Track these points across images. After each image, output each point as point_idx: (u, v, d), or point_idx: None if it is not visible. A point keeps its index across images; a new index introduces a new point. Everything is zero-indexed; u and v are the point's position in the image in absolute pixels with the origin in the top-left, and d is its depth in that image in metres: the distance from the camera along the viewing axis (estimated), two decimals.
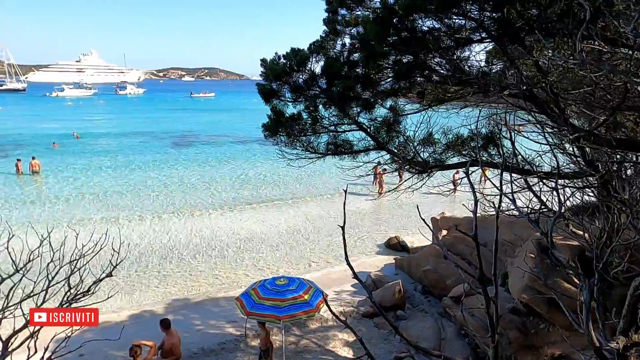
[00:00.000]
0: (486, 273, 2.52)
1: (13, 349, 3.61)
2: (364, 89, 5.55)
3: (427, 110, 5.82)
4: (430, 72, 5.43)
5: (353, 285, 13.34)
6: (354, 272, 2.36)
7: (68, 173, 26.51)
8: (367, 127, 5.82)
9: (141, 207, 20.33)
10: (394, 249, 16.27)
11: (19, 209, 19.62)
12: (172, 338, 8.16)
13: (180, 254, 15.29)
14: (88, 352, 7.55)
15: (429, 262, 12.93)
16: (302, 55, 5.46)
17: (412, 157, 5.38)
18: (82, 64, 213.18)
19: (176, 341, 8.18)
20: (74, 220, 17.80)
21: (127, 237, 14.85)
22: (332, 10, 5.67)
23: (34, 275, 3.96)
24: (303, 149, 5.98)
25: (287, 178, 26.34)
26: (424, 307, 12.03)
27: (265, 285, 9.67)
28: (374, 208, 21.27)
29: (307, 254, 15.68)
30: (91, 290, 3.98)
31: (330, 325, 11.04)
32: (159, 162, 30.56)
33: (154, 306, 12.00)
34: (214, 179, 26.33)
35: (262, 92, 5.76)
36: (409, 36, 4.81)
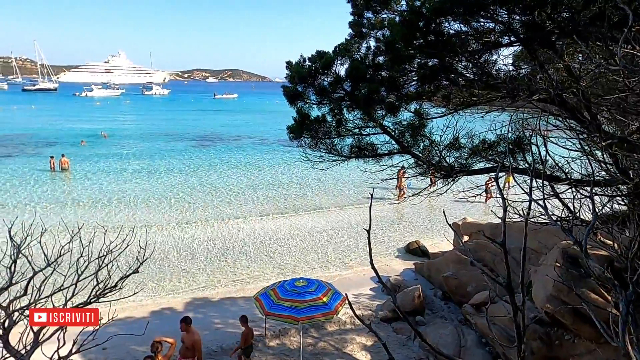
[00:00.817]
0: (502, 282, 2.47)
1: (43, 340, 3.74)
2: (389, 92, 5.51)
3: (453, 114, 5.73)
4: (457, 75, 5.36)
5: (372, 289, 13.27)
6: (379, 276, 2.34)
7: (96, 171, 27.26)
8: (392, 130, 5.77)
9: (164, 206, 20.73)
10: (413, 254, 16.10)
11: (51, 204, 20.27)
12: (193, 336, 8.25)
13: (200, 253, 15.51)
14: (111, 345, 7.71)
15: (449, 268, 12.73)
16: (328, 58, 5.46)
17: (437, 162, 5.30)
18: (110, 65, 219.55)
19: (197, 338, 8.26)
20: (102, 217, 18.32)
21: (151, 235, 15.16)
22: (358, 13, 5.66)
23: (64, 270, 4.08)
24: (327, 152, 5.98)
25: (308, 180, 26.42)
26: (444, 313, 11.85)
27: (284, 286, 9.71)
28: (394, 212, 21.13)
29: (326, 256, 15.67)
30: (118, 286, 4.08)
31: (348, 329, 10.99)
32: (183, 163, 31.09)
33: (174, 303, 12.20)
34: (235, 180, 26.62)
35: (287, 94, 5.79)
36: (435, 39, 4.76)
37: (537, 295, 8.15)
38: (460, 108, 5.76)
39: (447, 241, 17.07)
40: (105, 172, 26.81)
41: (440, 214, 20.32)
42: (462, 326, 10.74)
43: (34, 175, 25.64)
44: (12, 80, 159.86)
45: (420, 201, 6.87)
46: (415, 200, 6.88)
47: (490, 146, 5.19)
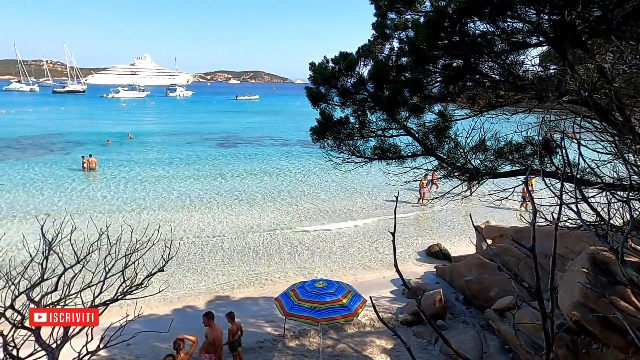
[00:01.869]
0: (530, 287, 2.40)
1: (73, 335, 3.85)
2: (413, 94, 5.46)
3: (478, 115, 5.63)
4: (482, 76, 5.26)
5: (392, 292, 13.17)
6: (403, 279, 2.32)
7: (122, 171, 27.95)
8: (416, 132, 5.70)
9: (186, 205, 21.09)
10: (435, 257, 15.89)
11: (80, 203, 20.91)
12: (215, 331, 8.36)
13: (221, 252, 15.70)
14: (134, 341, 7.88)
15: (471, 272, 12.51)
16: (351, 59, 5.44)
17: (462, 164, 5.21)
18: (136, 67, 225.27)
19: (219, 334, 8.37)
20: (128, 216, 18.77)
21: (175, 233, 15.43)
22: (381, 14, 5.63)
23: (93, 267, 4.19)
24: (349, 153, 5.95)
25: (329, 182, 26.44)
26: (465, 318, 11.64)
27: (304, 287, 9.73)
28: (415, 214, 20.91)
29: (347, 258, 15.63)
30: (144, 284, 4.16)
31: (368, 331, 10.93)
32: (205, 163, 31.56)
33: (196, 301, 12.38)
34: (255, 180, 26.86)
35: (310, 96, 5.79)
36: (461, 40, 4.69)
37: (563, 302, 7.92)
38: (485, 109, 5.65)
39: (469, 245, 16.84)
40: (131, 172, 27.46)
41: (462, 217, 20.06)
42: (485, 332, 10.53)
43: (64, 174, 26.52)
44: (43, 83, 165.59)
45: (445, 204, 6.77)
46: (436, 203, 6.78)
47: (517, 148, 5.06)
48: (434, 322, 10.72)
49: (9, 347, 3.84)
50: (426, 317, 2.27)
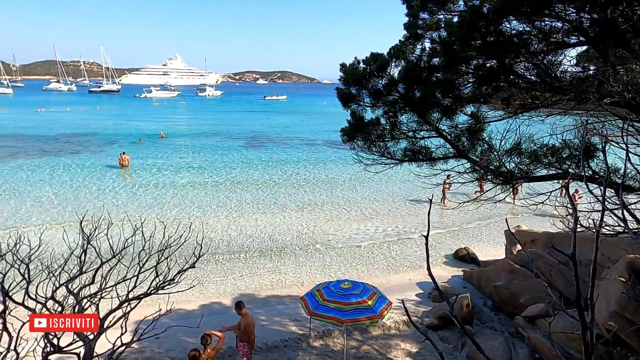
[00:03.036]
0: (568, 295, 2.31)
1: (108, 326, 3.99)
2: (444, 95, 5.36)
3: (513, 117, 5.47)
4: (517, 77, 5.12)
5: (417, 295, 13.00)
6: (436, 283, 2.29)
7: (154, 168, 28.76)
8: (447, 133, 5.60)
9: (215, 203, 21.49)
10: (462, 261, 15.58)
11: (114, 199, 21.65)
12: (247, 319, 8.51)
13: (248, 250, 15.90)
14: (163, 335, 8.09)
15: (501, 277, 12.19)
16: (382, 60, 5.40)
17: (497, 167, 5.07)
18: (168, 68, 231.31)
19: (251, 321, 8.50)
20: (160, 212, 19.30)
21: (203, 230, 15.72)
22: (413, 14, 5.56)
23: (127, 261, 4.34)
24: (379, 154, 5.91)
25: (355, 182, 26.38)
26: (494, 324, 11.36)
27: (329, 287, 9.73)
28: (441, 217, 20.57)
29: (371, 259, 15.54)
30: (176, 279, 4.27)
31: (392, 334, 10.83)
32: (233, 162, 32.07)
33: (223, 298, 12.58)
34: (282, 180, 27.07)
35: (341, 97, 5.78)
36: (496, 40, 4.57)
37: (599, 312, 7.61)
38: (520, 111, 5.48)
39: (497, 249, 16.44)
40: (162, 170, 28.20)
41: (490, 221, 19.58)
42: (514, 339, 10.25)
43: (99, 171, 27.58)
44: (80, 83, 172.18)
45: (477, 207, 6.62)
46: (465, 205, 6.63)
47: (554, 152, 4.89)
48: (457, 328, 10.53)
49: (50, 336, 4.04)
50: (459, 322, 2.23)
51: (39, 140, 39.55)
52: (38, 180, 24.64)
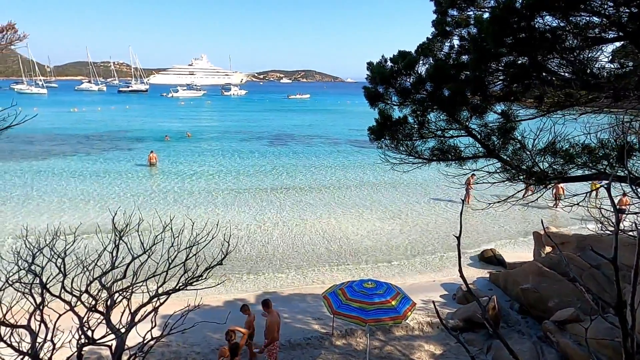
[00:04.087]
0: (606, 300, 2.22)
1: (138, 320, 4.10)
2: (474, 93, 5.24)
3: (546, 116, 5.29)
4: (550, 74, 4.95)
5: (441, 296, 12.82)
6: (468, 285, 2.25)
7: (180, 166, 29.39)
8: (477, 132, 5.47)
9: (239, 201, 21.76)
10: (488, 262, 15.27)
11: (144, 196, 22.25)
12: (272, 317, 8.62)
13: (271, 248, 16.02)
14: (189, 330, 8.26)
15: (528, 280, 11.88)
16: (411, 58, 5.32)
17: (530, 167, 4.91)
18: (194, 68, 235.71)
19: (274, 319, 8.61)
20: (186, 210, 19.70)
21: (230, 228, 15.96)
22: (441, 11, 5.46)
23: (157, 257, 4.44)
24: (407, 154, 5.83)
25: (379, 181, 26.22)
26: (521, 327, 11.08)
27: (352, 286, 9.70)
28: (466, 217, 20.18)
29: (395, 259, 15.42)
30: (203, 276, 4.35)
31: (416, 335, 10.71)
32: (258, 161, 32.40)
33: (246, 295, 12.72)
34: (305, 178, 27.16)
35: (368, 95, 5.73)
36: (529, 36, 4.44)
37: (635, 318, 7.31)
38: (553, 110, 5.31)
39: (524, 251, 16.04)
40: (189, 169, 28.77)
41: (518, 221, 19.10)
42: (542, 344, 9.98)
43: (128, 168, 28.47)
44: (110, 83, 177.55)
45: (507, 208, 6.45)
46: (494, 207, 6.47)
47: (590, 151, 4.70)
48: (481, 330, 10.30)
49: (85, 328, 4.20)
50: (492, 326, 2.18)
51: (72, 139, 41.02)
52: (71, 178, 25.57)
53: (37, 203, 20.55)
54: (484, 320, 2.72)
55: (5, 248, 13.59)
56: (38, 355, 4.04)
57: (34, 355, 4.00)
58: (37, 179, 24.98)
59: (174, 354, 9.44)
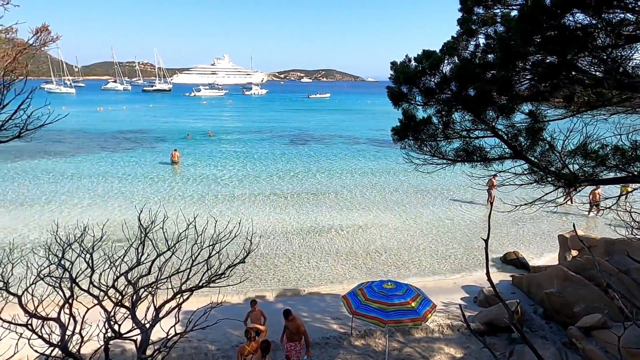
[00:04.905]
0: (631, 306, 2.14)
1: (163, 315, 4.18)
2: (501, 93, 5.13)
3: (576, 116, 5.13)
4: (580, 73, 4.80)
5: (463, 299, 12.64)
6: (495, 289, 2.20)
7: (202, 165, 29.85)
8: (504, 133, 5.34)
9: (260, 199, 21.94)
10: (511, 265, 14.96)
11: (168, 194, 22.69)
12: (297, 321, 8.70)
13: (291, 247, 16.09)
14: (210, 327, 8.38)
15: (553, 284, 11.59)
16: (435, 57, 5.24)
17: (559, 169, 4.77)
18: (216, 67, 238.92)
19: (300, 323, 8.72)
20: (209, 208, 20.01)
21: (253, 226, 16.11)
22: (467, 9, 5.36)
23: (181, 254, 4.52)
24: (431, 155, 5.75)
25: (400, 181, 26.02)
26: (544, 333, 10.82)
27: (372, 287, 9.66)
28: (486, 217, 19.82)
29: (416, 261, 15.27)
30: (226, 274, 4.40)
31: (436, 337, 10.59)
32: (278, 159, 32.58)
33: (266, 292, 12.82)
34: (325, 177, 27.16)
35: (392, 95, 5.68)
36: (558, 34, 4.31)
37: None
38: (583, 110, 5.14)
39: (550, 254, 15.65)
40: (210, 167, 29.17)
41: (542, 224, 18.62)
42: (567, 350, 9.72)
43: (152, 166, 29.14)
44: (135, 82, 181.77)
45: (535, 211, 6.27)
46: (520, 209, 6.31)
47: (623, 153, 4.52)
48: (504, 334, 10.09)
49: (111, 322, 4.31)
50: (520, 331, 2.13)
51: (99, 137, 42.17)
52: (97, 175, 26.29)
53: (66, 199, 21.22)
54: (511, 324, 2.63)
55: (37, 243, 14.09)
56: (67, 347, 4.17)
57: (63, 348, 4.13)
58: (65, 176, 25.78)
59: (194, 349, 9.60)
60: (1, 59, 3.53)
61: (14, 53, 3.55)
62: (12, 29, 3.60)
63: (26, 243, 15.11)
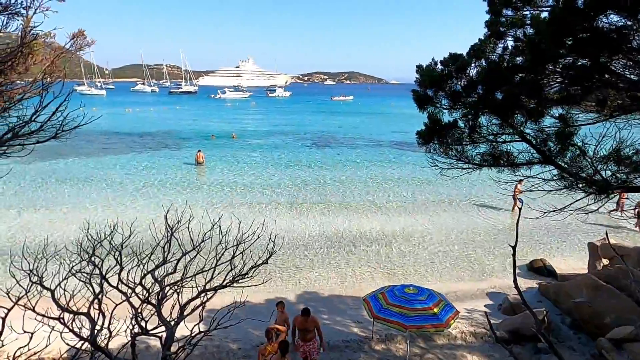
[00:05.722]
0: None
1: (187, 313, 4.27)
2: (530, 96, 5.01)
3: (608, 120, 4.96)
4: (613, 76, 4.64)
5: (486, 306, 12.38)
6: (523, 297, 2.15)
7: (226, 166, 30.28)
8: (533, 137, 5.21)
9: (282, 200, 22.09)
10: (537, 273, 14.56)
11: (192, 194, 23.13)
12: (316, 321, 8.81)
13: (312, 249, 16.12)
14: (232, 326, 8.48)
15: (582, 294, 11.23)
16: (463, 60, 5.18)
17: (591, 175, 4.61)
18: (240, 70, 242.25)
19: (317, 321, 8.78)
20: (233, 208, 20.27)
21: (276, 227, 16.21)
22: (495, 11, 5.27)
23: (205, 254, 4.61)
24: (456, 159, 5.67)
25: (422, 184, 25.72)
26: (572, 344, 10.49)
27: (393, 291, 9.59)
28: (514, 224, 19.34)
29: (438, 265, 15.04)
30: (249, 274, 4.46)
31: (459, 344, 10.41)
32: (300, 162, 32.72)
33: (286, 293, 12.88)
34: (348, 179, 27.11)
35: (417, 99, 5.63)
36: (591, 36, 4.18)
37: None
38: (616, 114, 4.97)
39: (578, 262, 15.15)
40: (234, 168, 29.54)
41: (571, 231, 18.03)
42: None
43: (178, 166, 29.77)
44: (162, 84, 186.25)
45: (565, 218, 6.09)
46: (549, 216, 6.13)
47: None
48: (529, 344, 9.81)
49: (139, 318, 4.44)
50: (548, 340, 2.08)
51: (127, 137, 43.40)
52: (126, 174, 27.06)
53: (95, 198, 21.93)
54: (539, 334, 2.54)
55: (70, 239, 14.58)
56: (96, 341, 4.32)
57: (92, 342, 4.28)
58: (95, 175, 26.64)
59: (216, 347, 9.74)
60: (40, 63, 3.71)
61: (52, 57, 3.73)
62: (50, 34, 3.79)
63: (59, 239, 15.67)
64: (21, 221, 18.20)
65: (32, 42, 3.49)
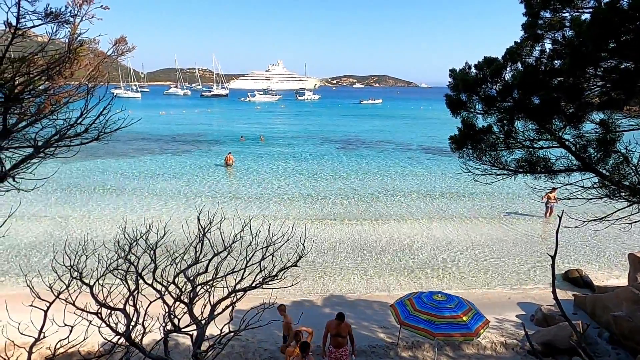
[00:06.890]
0: None
1: (218, 313, 4.35)
2: (569, 101, 4.83)
3: None
4: None
5: (518, 316, 12.01)
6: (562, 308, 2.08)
7: (254, 168, 30.73)
8: (572, 143, 5.02)
9: (310, 204, 22.18)
10: (573, 284, 14.00)
11: (223, 196, 23.60)
12: (347, 327, 8.74)
13: (339, 253, 16.09)
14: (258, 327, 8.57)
15: (621, 307, 10.70)
16: (497, 64, 5.06)
17: (635, 183, 4.39)
18: (270, 73, 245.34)
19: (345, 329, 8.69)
20: (262, 211, 20.54)
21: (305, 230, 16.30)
22: (533, 13, 5.12)
23: (236, 255, 4.69)
24: (490, 165, 5.53)
25: (451, 189, 25.23)
26: (610, 359, 10.01)
27: (421, 297, 9.44)
28: (547, 233, 18.68)
29: (468, 273, 14.71)
30: (278, 276, 4.51)
31: (488, 355, 10.13)
32: (328, 165, 32.78)
33: (313, 296, 12.91)
34: (376, 183, 26.94)
35: (450, 103, 5.54)
36: (634, 39, 4.00)
37: None
38: None
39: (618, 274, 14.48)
40: (262, 171, 29.93)
41: (610, 241, 17.24)
42: None
43: (208, 168, 30.48)
44: (194, 88, 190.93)
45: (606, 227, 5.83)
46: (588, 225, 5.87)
47: None
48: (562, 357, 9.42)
49: (171, 316, 4.58)
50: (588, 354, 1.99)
51: (160, 139, 44.74)
52: (159, 175, 27.92)
53: (131, 198, 22.72)
54: (579, 348, 2.41)
55: (107, 238, 15.15)
56: (131, 337, 4.47)
57: (127, 337, 4.43)
58: (131, 176, 27.61)
59: (243, 347, 9.87)
60: (85, 68, 3.91)
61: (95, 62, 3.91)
62: (95, 40, 3.99)
63: (98, 237, 16.31)
64: (62, 219, 19.06)
65: (78, 49, 3.69)
